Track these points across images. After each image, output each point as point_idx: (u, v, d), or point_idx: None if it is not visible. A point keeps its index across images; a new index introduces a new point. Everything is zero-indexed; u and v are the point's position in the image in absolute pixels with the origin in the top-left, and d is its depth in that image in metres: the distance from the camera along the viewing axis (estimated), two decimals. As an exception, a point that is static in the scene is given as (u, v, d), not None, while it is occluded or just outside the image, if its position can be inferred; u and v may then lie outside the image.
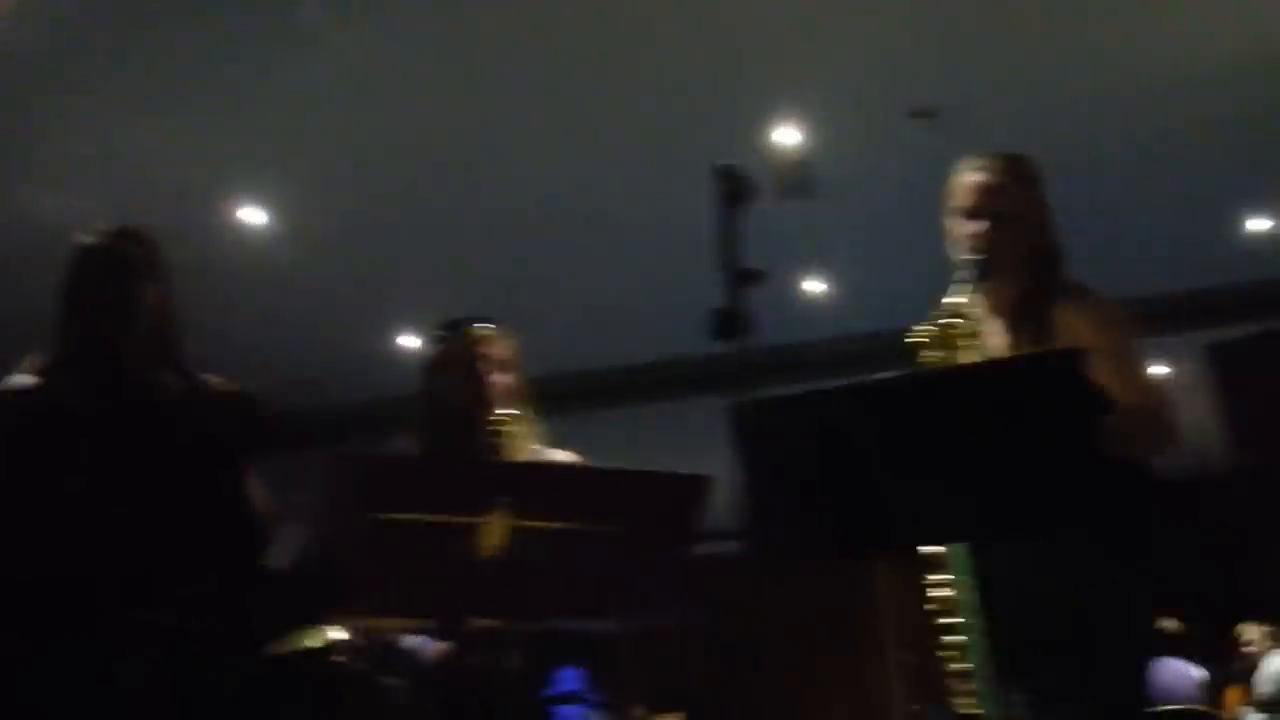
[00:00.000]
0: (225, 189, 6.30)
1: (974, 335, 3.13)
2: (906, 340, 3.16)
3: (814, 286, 7.52)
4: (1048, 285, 3.19)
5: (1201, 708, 7.61)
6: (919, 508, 2.37)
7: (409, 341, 7.84)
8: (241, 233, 6.52)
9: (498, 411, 3.32)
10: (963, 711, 3.12)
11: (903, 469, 2.34)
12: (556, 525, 2.33)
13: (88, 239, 3.07)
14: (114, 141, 5.82)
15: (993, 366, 2.39)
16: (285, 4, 4.98)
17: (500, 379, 3.39)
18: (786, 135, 5.97)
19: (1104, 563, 2.97)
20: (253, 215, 6.46)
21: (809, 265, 7.22)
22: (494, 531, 2.36)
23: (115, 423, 2.94)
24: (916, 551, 3.06)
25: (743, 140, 5.93)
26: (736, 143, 5.94)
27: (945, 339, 3.13)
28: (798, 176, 6.23)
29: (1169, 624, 7.57)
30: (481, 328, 3.46)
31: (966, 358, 3.10)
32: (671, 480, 2.42)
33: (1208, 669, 8.02)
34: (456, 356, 3.42)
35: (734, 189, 2.26)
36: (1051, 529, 2.76)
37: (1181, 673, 7.70)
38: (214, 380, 3.13)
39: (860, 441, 2.36)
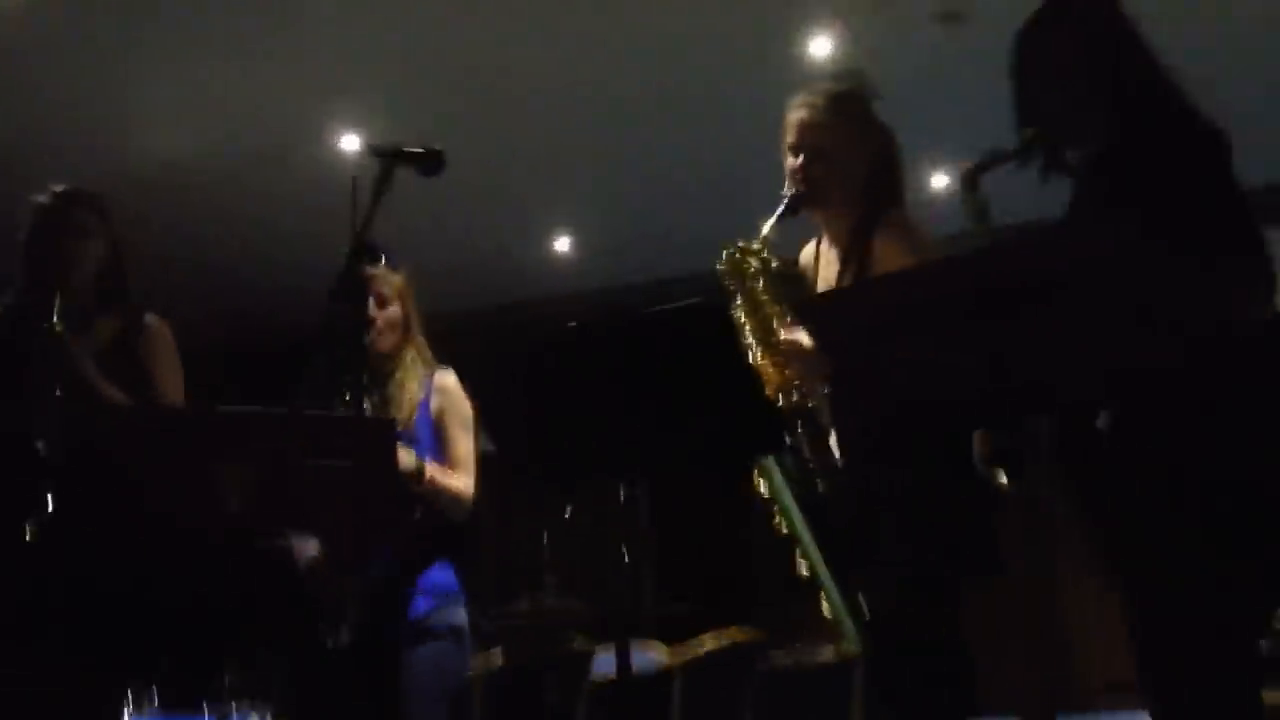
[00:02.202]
0: (323, 117, 6.75)
1: (765, 266, 3.35)
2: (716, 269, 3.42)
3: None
4: (869, 217, 3.36)
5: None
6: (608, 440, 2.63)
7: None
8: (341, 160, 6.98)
9: (381, 345, 3.72)
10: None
11: (594, 405, 2.60)
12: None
13: (40, 199, 3.62)
14: (213, 78, 6.32)
15: (647, 316, 2.60)
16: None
17: (386, 314, 3.76)
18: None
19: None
20: (350, 142, 6.91)
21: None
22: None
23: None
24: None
25: None
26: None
27: (738, 269, 3.37)
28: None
29: None
30: (371, 266, 3.76)
31: (755, 287, 3.34)
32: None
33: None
34: (350, 289, 3.79)
35: (385, 169, 2.54)
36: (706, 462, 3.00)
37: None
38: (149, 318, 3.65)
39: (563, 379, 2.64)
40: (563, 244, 8.53)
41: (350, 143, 6.90)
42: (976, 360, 2.25)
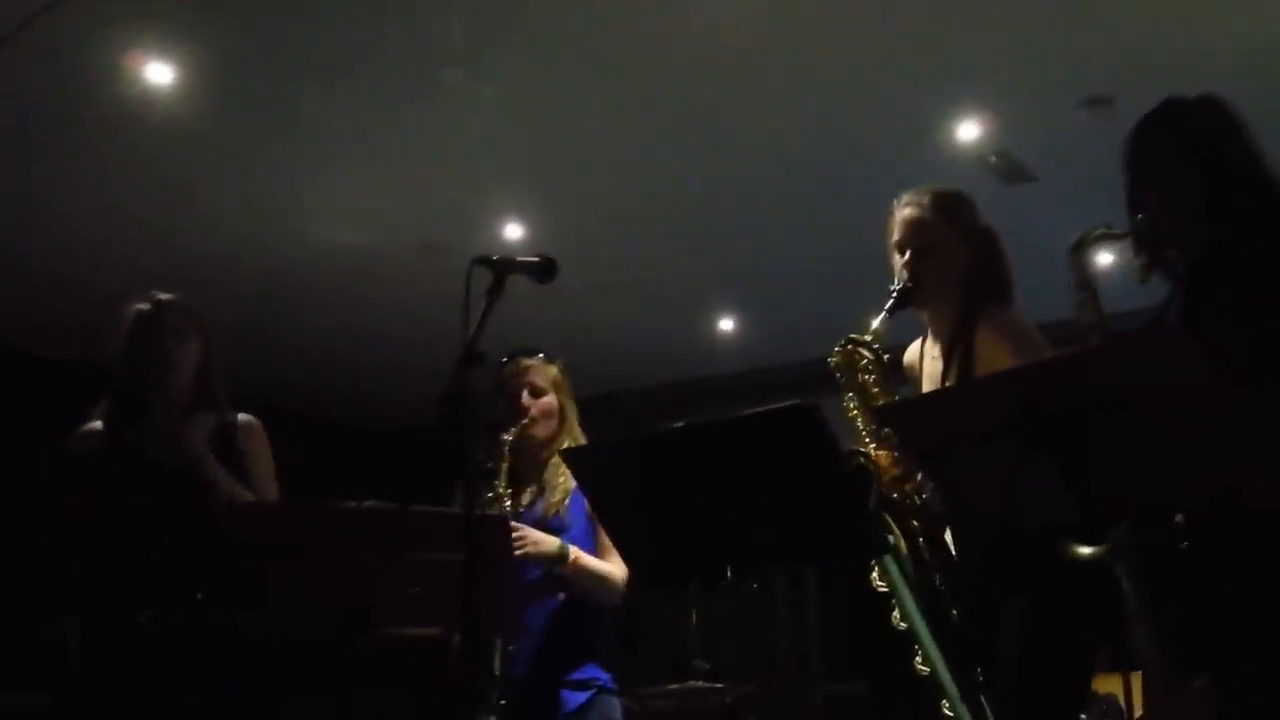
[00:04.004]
0: (486, 208, 7.02)
1: (877, 358, 3.40)
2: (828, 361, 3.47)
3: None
4: (971, 312, 3.39)
5: None
6: (702, 541, 2.72)
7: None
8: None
9: (536, 433, 3.87)
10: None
11: (685, 507, 2.70)
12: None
13: (140, 306, 3.80)
14: (378, 176, 6.65)
15: (740, 419, 2.65)
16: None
17: (540, 404, 3.90)
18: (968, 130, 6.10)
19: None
20: (513, 230, 7.17)
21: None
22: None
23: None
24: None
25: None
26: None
27: (850, 361, 3.42)
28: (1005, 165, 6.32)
29: None
30: (527, 359, 3.95)
31: (867, 380, 3.40)
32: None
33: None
34: (501, 383, 3.91)
35: (498, 278, 2.66)
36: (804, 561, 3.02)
37: None
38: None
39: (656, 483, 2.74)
40: (727, 324, 8.75)
41: (514, 231, 7.14)
42: (1051, 473, 2.28)
